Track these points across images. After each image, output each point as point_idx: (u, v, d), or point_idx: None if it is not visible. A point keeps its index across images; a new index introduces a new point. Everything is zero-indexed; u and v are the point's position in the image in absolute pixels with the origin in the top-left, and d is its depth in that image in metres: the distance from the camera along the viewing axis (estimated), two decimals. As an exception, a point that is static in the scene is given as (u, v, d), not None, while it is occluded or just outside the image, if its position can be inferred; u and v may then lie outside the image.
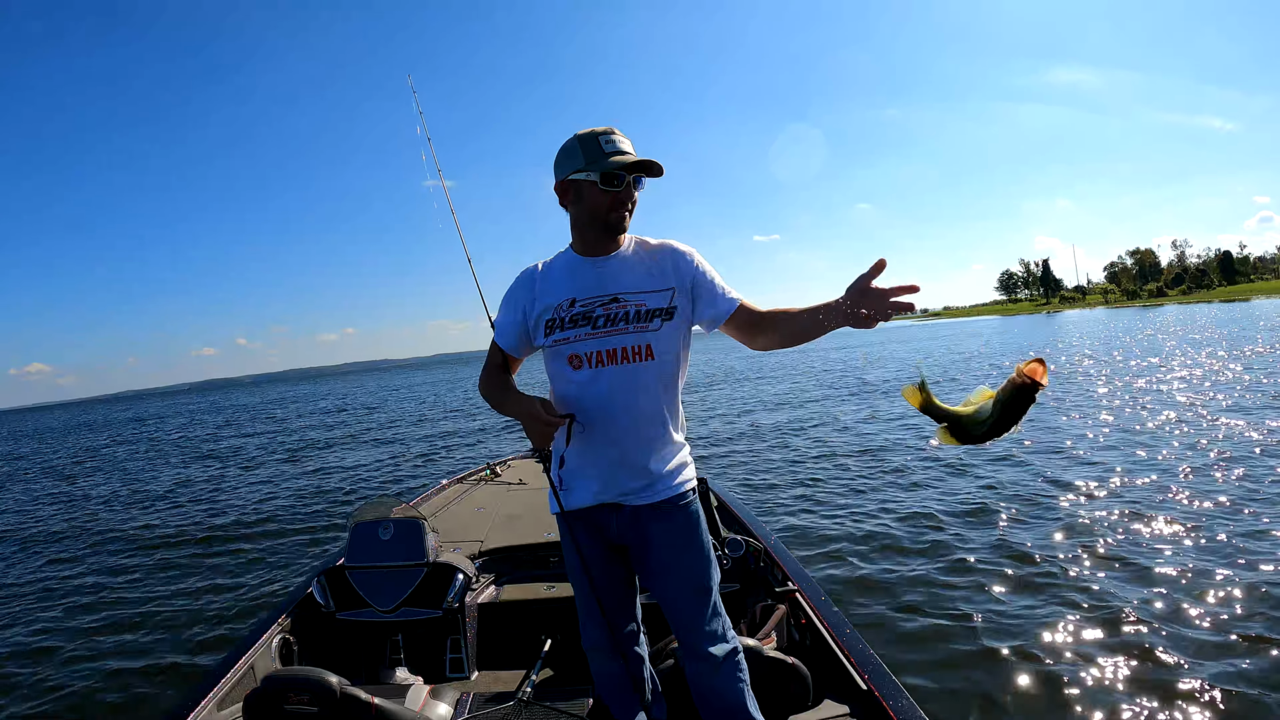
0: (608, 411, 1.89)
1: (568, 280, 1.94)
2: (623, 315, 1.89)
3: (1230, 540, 4.90)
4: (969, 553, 5.21)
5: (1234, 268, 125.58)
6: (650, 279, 1.92)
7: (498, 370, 2.06)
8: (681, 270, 1.94)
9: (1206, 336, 26.30)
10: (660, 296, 1.91)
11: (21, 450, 27.56)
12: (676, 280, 1.93)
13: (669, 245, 1.98)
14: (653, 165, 1.87)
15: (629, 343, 1.88)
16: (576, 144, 1.88)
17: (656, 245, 1.98)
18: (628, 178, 1.87)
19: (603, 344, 1.88)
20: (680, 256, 1.95)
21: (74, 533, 9.28)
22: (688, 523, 1.97)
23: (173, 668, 4.47)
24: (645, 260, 1.94)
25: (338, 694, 1.94)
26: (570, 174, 1.89)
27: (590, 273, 1.93)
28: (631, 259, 1.95)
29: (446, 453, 13.60)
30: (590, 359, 1.89)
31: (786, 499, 7.36)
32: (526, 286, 2.00)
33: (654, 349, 1.89)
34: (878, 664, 2.33)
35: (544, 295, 1.96)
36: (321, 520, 8.44)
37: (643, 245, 1.98)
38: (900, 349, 35.79)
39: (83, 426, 43.46)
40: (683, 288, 1.94)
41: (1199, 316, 45.60)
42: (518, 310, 2.00)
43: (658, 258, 1.95)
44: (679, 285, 1.93)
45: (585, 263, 1.95)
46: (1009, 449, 8.64)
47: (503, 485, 5.02)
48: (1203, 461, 7.18)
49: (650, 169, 1.88)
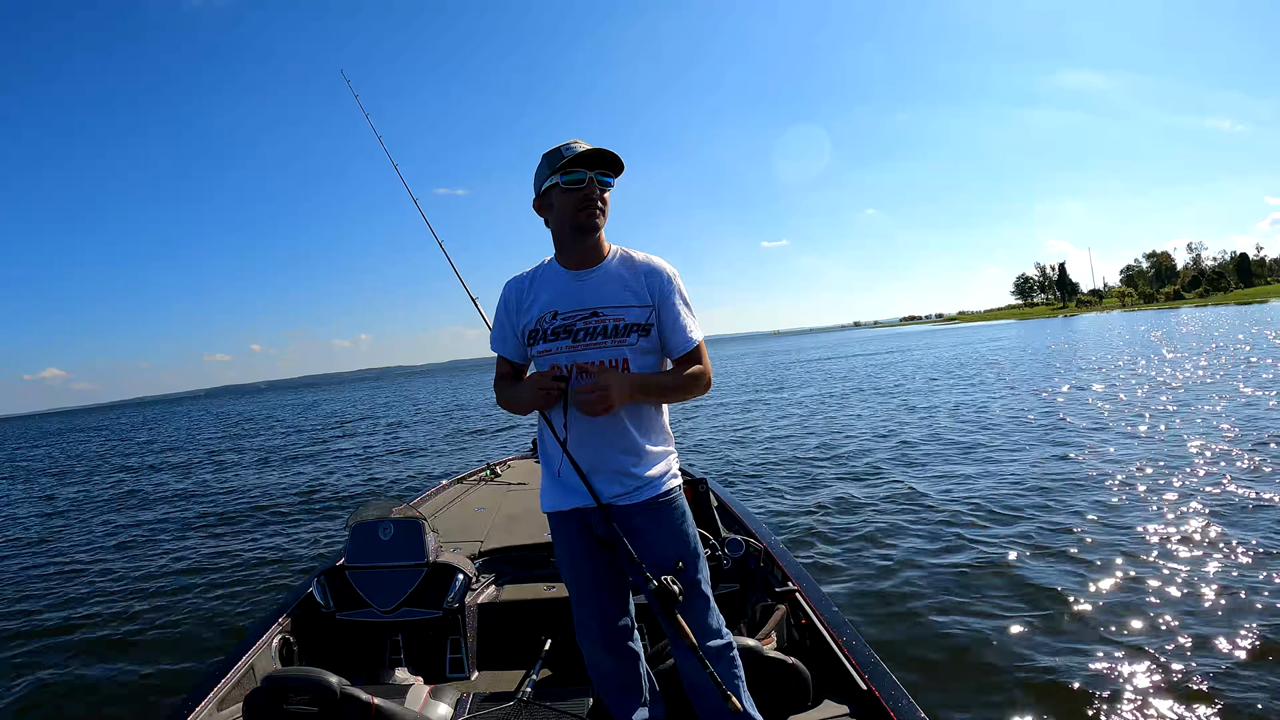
0: (586, 421, 1.92)
1: (551, 293, 1.99)
2: (601, 329, 1.93)
3: (1241, 555, 4.81)
4: (969, 553, 5.19)
5: (1251, 270, 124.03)
6: (630, 294, 1.95)
7: (508, 377, 2.11)
8: (654, 291, 1.97)
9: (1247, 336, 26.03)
10: (639, 312, 1.95)
11: (34, 453, 27.82)
12: (654, 298, 1.97)
13: (652, 263, 2.00)
14: (607, 154, 1.91)
15: (605, 356, 1.93)
16: (543, 159, 1.95)
17: (641, 261, 2.00)
18: (588, 175, 1.91)
19: (580, 356, 1.93)
20: (659, 277, 1.98)
21: (74, 532, 9.39)
22: (670, 517, 1.99)
23: (173, 668, 4.49)
24: (626, 275, 1.97)
25: (338, 694, 1.94)
26: (541, 187, 1.96)
27: (573, 286, 1.97)
28: (613, 273, 1.98)
29: (446, 453, 13.63)
30: (575, 371, 1.93)
31: (787, 498, 7.34)
32: (514, 297, 2.05)
33: (630, 363, 1.93)
34: (878, 664, 2.31)
35: (529, 307, 2.01)
36: (321, 520, 8.49)
37: (627, 259, 2.01)
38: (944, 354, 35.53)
39: (103, 429, 43.87)
40: (656, 307, 1.97)
41: (1235, 318, 44.84)
42: (508, 320, 2.06)
43: (639, 274, 1.98)
44: (655, 303, 1.97)
45: (568, 276, 1.99)
46: (1011, 448, 8.60)
47: (502, 485, 5.03)
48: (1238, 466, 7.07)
49: (606, 158, 1.91)
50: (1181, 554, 4.78)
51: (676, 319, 1.96)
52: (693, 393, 2.00)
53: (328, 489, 10.78)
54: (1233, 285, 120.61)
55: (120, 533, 9.08)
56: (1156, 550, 4.89)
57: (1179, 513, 5.63)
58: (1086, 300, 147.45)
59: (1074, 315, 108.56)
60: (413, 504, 3.75)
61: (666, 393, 1.99)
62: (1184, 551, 4.82)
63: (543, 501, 2.07)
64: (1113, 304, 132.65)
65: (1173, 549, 4.89)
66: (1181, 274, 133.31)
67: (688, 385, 1.98)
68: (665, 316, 1.96)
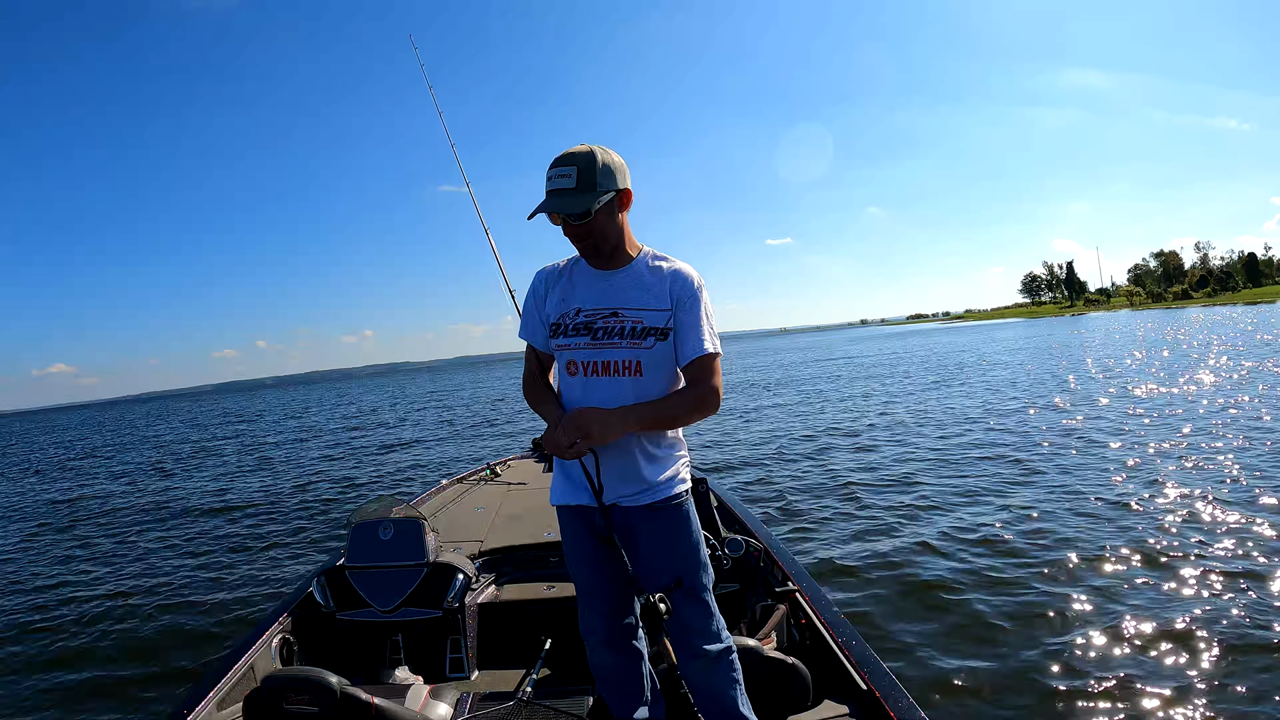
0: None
1: (577, 289, 1.98)
2: (619, 330, 1.91)
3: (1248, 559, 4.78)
4: (970, 553, 5.17)
5: (1259, 270, 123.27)
6: (653, 297, 1.93)
7: (535, 378, 2.09)
8: (675, 294, 1.93)
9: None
10: (659, 315, 1.92)
11: (33, 455, 27.90)
12: (673, 302, 1.94)
13: (678, 267, 1.97)
14: (553, 211, 1.83)
15: (620, 357, 1.91)
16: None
17: (667, 265, 1.97)
18: (561, 219, 1.86)
19: (597, 355, 1.92)
20: (682, 281, 1.94)
21: (74, 532, 9.41)
22: (676, 522, 1.98)
23: (173, 668, 4.50)
24: (651, 278, 1.95)
25: (338, 694, 1.94)
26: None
27: (598, 284, 1.96)
28: (638, 275, 1.96)
29: (446, 453, 13.64)
30: (585, 368, 1.93)
31: (790, 498, 7.33)
32: (542, 288, 2.05)
33: (643, 365, 1.91)
34: (878, 664, 2.31)
35: (556, 301, 2.00)
36: (322, 520, 8.50)
37: (654, 261, 1.98)
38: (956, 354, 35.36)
39: (107, 425, 44.07)
40: (674, 311, 1.94)
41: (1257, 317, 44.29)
42: (537, 310, 2.05)
43: (664, 278, 1.95)
44: (674, 307, 1.94)
45: (595, 274, 1.98)
46: (1015, 448, 8.57)
47: (503, 485, 5.02)
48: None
49: (553, 211, 1.84)
50: (1191, 558, 4.74)
51: (693, 325, 1.91)
52: (695, 415, 1.92)
53: (328, 488, 10.80)
54: (1241, 285, 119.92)
55: (120, 532, 9.11)
56: (1157, 552, 4.87)
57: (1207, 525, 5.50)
58: (1094, 299, 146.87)
59: (1082, 314, 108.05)
60: (413, 504, 3.75)
61: (662, 423, 1.91)
62: (1194, 556, 4.79)
63: (552, 494, 2.07)
64: (1121, 303, 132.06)
65: (1182, 554, 4.83)
66: (1189, 273, 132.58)
67: (688, 408, 1.91)
68: (681, 320, 1.92)
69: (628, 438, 1.90)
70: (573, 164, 1.82)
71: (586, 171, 1.81)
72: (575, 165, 1.82)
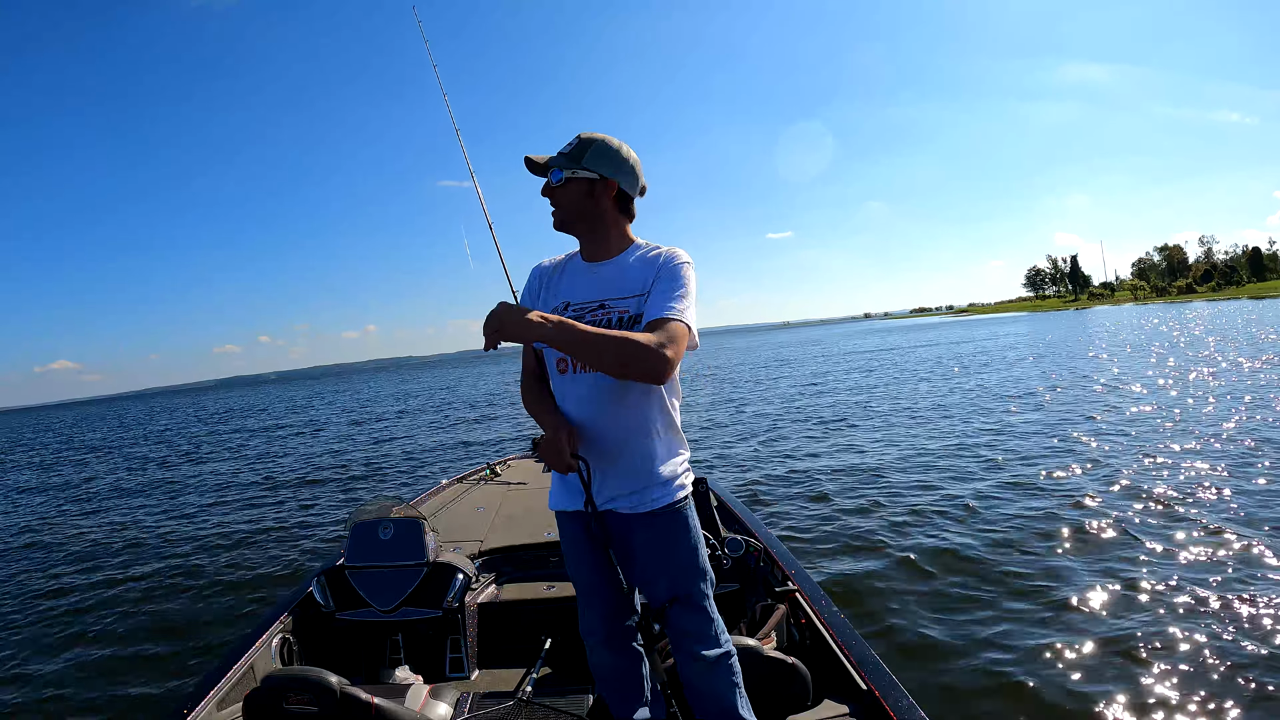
0: (588, 417, 1.88)
1: (567, 284, 1.98)
2: (605, 322, 1.86)
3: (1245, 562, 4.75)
4: (970, 553, 5.16)
5: (1264, 264, 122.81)
6: (635, 285, 1.89)
7: (533, 379, 2.04)
8: (656, 273, 1.88)
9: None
10: (638, 302, 1.87)
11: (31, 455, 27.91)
12: (654, 279, 1.89)
13: (661, 252, 1.93)
14: (533, 160, 1.94)
15: None
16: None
17: (654, 252, 1.94)
18: (546, 179, 1.94)
19: None
20: (665, 259, 1.90)
21: (74, 532, 9.39)
22: (675, 529, 1.94)
23: (173, 668, 4.50)
24: (636, 267, 1.92)
25: (338, 694, 1.94)
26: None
27: (587, 277, 1.95)
28: (625, 266, 1.93)
29: (446, 453, 13.64)
30: (574, 364, 1.89)
31: (790, 498, 7.32)
32: (537, 284, 2.05)
33: None
34: (878, 664, 2.31)
35: (547, 297, 1.99)
36: (321, 520, 8.48)
37: (642, 251, 1.95)
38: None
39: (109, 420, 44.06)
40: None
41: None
42: (532, 306, 1.99)
43: (648, 264, 1.91)
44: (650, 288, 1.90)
45: (584, 268, 1.97)
46: (1018, 449, 8.54)
47: (503, 485, 5.02)
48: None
49: (533, 159, 1.94)
50: (1197, 563, 4.70)
51: (663, 292, 1.82)
52: (618, 365, 1.72)
53: (328, 488, 10.79)
54: (1245, 279, 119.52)
55: (119, 530, 9.11)
56: (1158, 551, 4.87)
57: (1201, 516, 5.49)
58: (1098, 293, 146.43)
59: (1086, 308, 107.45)
60: (413, 504, 3.75)
61: (581, 350, 1.74)
62: (1199, 560, 4.76)
63: (550, 499, 2.05)
64: (1125, 297, 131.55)
65: (1187, 556, 4.79)
66: (1193, 267, 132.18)
67: (614, 352, 1.70)
68: (653, 289, 1.84)
69: (627, 439, 1.88)
70: (579, 138, 1.94)
71: (583, 146, 1.91)
72: (579, 139, 1.93)
